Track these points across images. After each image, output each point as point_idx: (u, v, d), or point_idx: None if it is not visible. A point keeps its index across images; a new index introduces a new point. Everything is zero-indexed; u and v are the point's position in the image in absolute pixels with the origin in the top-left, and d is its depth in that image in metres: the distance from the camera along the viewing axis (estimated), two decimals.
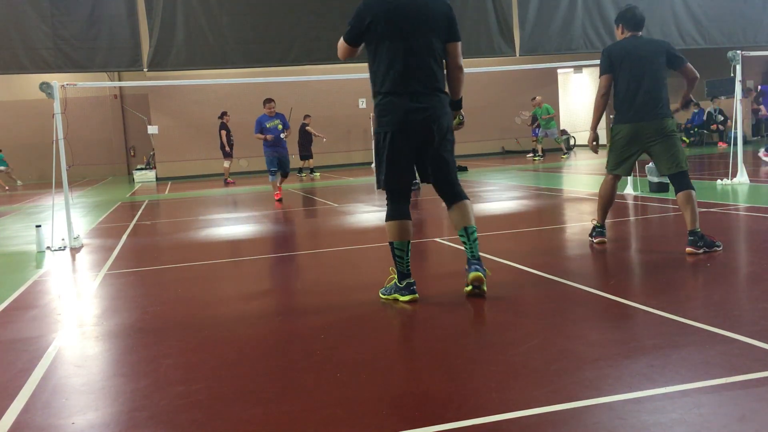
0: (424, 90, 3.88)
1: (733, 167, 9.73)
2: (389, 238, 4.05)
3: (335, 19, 15.75)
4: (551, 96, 24.23)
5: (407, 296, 4.00)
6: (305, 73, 18.54)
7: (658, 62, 5.11)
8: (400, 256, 4.00)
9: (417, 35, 3.87)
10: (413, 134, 3.89)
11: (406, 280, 4.03)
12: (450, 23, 3.97)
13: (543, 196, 9.86)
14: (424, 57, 3.89)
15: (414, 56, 3.86)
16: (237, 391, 2.77)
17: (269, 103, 11.49)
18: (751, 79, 19.90)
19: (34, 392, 2.89)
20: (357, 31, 3.96)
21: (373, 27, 3.87)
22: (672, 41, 16.74)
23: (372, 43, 3.93)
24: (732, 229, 6.38)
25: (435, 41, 3.92)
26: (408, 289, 4.01)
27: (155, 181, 21.14)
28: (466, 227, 4.03)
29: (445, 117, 3.95)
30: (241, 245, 7.24)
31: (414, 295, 4.00)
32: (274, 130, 11.20)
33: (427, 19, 3.89)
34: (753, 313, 3.45)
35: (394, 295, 4.07)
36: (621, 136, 5.24)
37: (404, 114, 3.85)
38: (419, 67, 3.87)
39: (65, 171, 7.39)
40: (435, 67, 3.94)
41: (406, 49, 3.85)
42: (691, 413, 2.29)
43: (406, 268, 4.02)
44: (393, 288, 4.09)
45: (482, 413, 2.39)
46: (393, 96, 3.88)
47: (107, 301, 4.72)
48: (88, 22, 15.75)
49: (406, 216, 4.02)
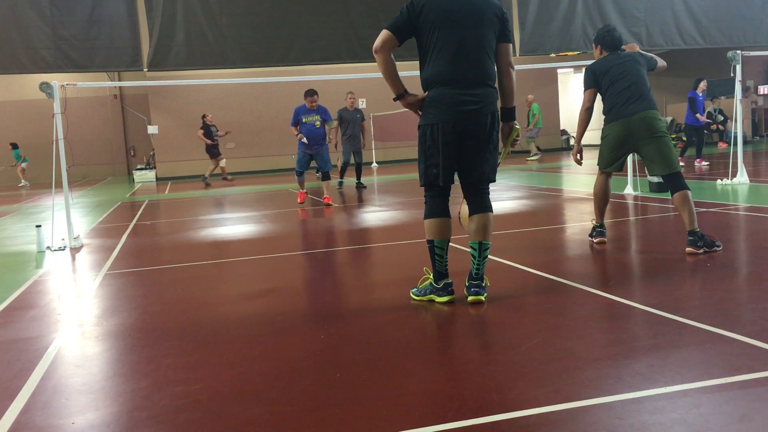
0: (477, 81, 3.82)
1: (733, 167, 9.73)
2: (429, 237, 3.95)
3: (335, 19, 15.74)
4: (551, 96, 24.25)
5: (445, 297, 3.93)
6: (305, 73, 18.52)
7: (640, 68, 5.34)
8: (440, 255, 3.93)
9: (471, 27, 3.82)
10: (462, 125, 3.80)
11: (444, 280, 3.95)
12: (503, 23, 3.94)
13: (543, 196, 9.86)
14: (478, 49, 3.83)
15: (468, 47, 3.81)
16: (237, 391, 2.77)
17: (311, 96, 10.42)
18: (751, 79, 19.89)
19: (34, 392, 2.89)
20: (405, 19, 3.82)
21: (426, 17, 3.80)
22: (672, 41, 16.78)
23: (425, 33, 3.84)
24: (732, 229, 6.38)
25: (489, 35, 3.87)
26: (446, 290, 3.94)
27: (155, 181, 21.15)
28: (482, 242, 3.93)
29: (495, 111, 3.89)
30: (241, 245, 7.24)
31: (452, 296, 3.93)
32: (310, 126, 10.28)
33: (481, 12, 3.85)
34: (753, 313, 3.45)
35: (429, 296, 3.98)
36: (613, 134, 5.33)
37: (455, 105, 3.78)
38: (473, 58, 3.82)
39: (65, 171, 7.39)
40: (487, 61, 3.88)
41: (459, 39, 3.79)
42: (691, 413, 2.29)
43: (444, 268, 3.95)
44: (429, 288, 4.00)
45: (482, 413, 2.39)
46: (445, 87, 3.80)
47: (107, 301, 4.72)
48: (88, 22, 15.73)
49: (447, 214, 3.96)
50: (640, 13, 16.60)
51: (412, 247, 6.10)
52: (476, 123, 3.83)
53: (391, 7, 14.83)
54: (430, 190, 3.98)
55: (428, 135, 3.88)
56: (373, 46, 3.84)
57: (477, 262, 3.91)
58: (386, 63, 3.84)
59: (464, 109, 3.80)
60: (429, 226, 3.97)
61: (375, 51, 3.84)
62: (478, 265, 3.91)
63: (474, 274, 3.93)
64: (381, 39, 3.82)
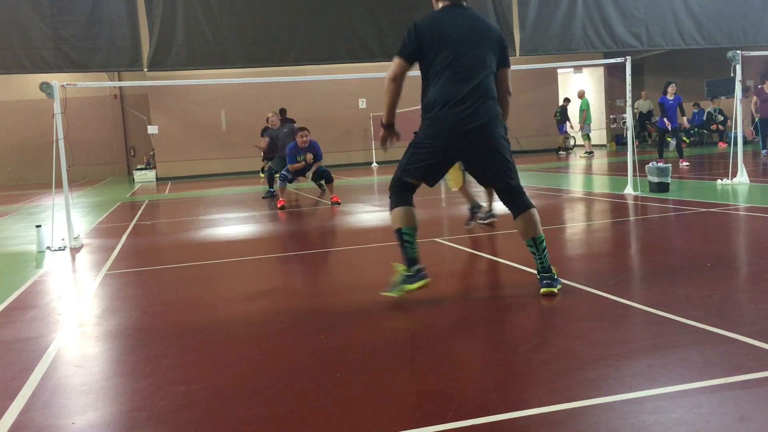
0: (479, 98, 3.86)
1: (733, 167, 9.73)
2: (396, 225, 3.96)
3: (335, 19, 15.75)
4: (551, 96, 24.25)
5: (418, 282, 3.91)
6: (305, 73, 18.54)
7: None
8: (410, 241, 3.93)
9: (473, 47, 3.88)
10: (466, 144, 3.86)
11: (416, 266, 3.94)
12: (503, 48, 4.01)
13: (542, 196, 9.86)
14: (480, 69, 3.89)
15: (469, 67, 3.86)
16: (237, 391, 2.77)
17: (302, 131, 10.32)
18: (751, 79, 19.89)
19: (34, 392, 2.89)
20: (413, 45, 3.86)
21: (429, 39, 3.84)
22: (672, 41, 16.78)
23: (427, 56, 3.88)
24: (732, 229, 6.38)
25: (489, 57, 3.94)
26: (418, 276, 3.93)
27: (155, 181, 21.15)
28: (534, 237, 3.99)
29: (499, 125, 3.93)
30: (241, 245, 7.24)
31: (425, 280, 3.92)
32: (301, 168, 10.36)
33: (482, 35, 3.92)
34: (753, 313, 3.45)
35: (402, 287, 3.95)
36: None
37: (457, 127, 3.81)
38: (475, 78, 3.86)
39: (65, 171, 7.39)
40: (489, 80, 3.93)
41: (461, 60, 3.84)
42: (691, 413, 2.29)
43: (415, 254, 3.94)
44: (401, 279, 3.98)
45: (482, 413, 2.39)
46: (446, 107, 3.82)
47: (107, 301, 4.72)
48: (88, 22, 15.74)
49: (411, 203, 3.99)
50: (640, 13, 16.60)
51: None
52: (482, 137, 3.86)
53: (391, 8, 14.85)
54: (399, 184, 4.00)
55: (423, 144, 3.92)
56: (389, 75, 3.86)
57: (538, 255, 3.99)
58: (397, 93, 3.89)
59: (468, 128, 3.82)
60: (396, 214, 3.98)
61: (392, 79, 3.85)
62: (541, 258, 3.99)
63: (540, 268, 4.01)
64: (396, 67, 3.85)
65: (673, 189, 9.04)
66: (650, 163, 9.25)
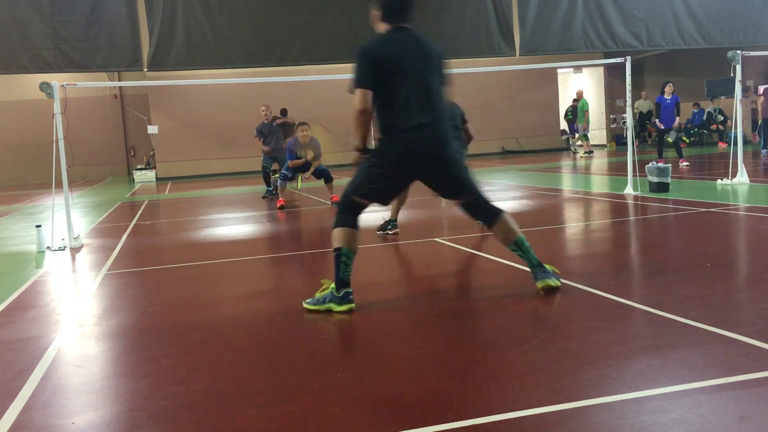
0: (435, 124, 3.89)
1: (733, 167, 9.73)
2: (337, 244, 3.92)
3: (335, 19, 15.75)
4: (551, 96, 24.25)
5: (345, 305, 3.89)
6: (305, 73, 18.53)
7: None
8: (346, 263, 3.91)
9: (426, 74, 3.91)
10: (419, 168, 3.90)
11: (345, 289, 3.92)
12: (445, 66, 4.08)
13: (542, 196, 9.86)
14: (434, 94, 3.93)
15: (425, 93, 3.88)
16: (237, 391, 2.77)
17: (302, 126, 10.10)
18: (751, 79, 19.90)
19: (34, 392, 2.89)
20: (369, 72, 3.82)
21: (380, 65, 3.84)
22: (672, 41, 16.79)
23: (381, 81, 3.85)
24: (732, 229, 6.38)
25: (439, 79, 4.00)
26: (347, 299, 3.91)
27: (155, 181, 21.14)
28: (515, 241, 4.05)
29: (452, 143, 3.97)
30: (241, 245, 7.24)
31: (352, 305, 3.91)
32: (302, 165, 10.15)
33: (431, 58, 3.98)
34: (753, 313, 3.45)
35: (328, 305, 3.92)
36: None
37: (414, 150, 3.84)
38: (430, 103, 3.89)
39: (65, 171, 7.39)
40: (438, 103, 3.96)
41: (409, 85, 3.85)
42: (691, 413, 2.29)
43: (347, 276, 3.94)
44: (329, 297, 3.94)
45: (482, 413, 2.39)
46: (404, 132, 3.84)
47: (107, 301, 4.72)
48: (88, 22, 15.73)
49: (357, 227, 3.97)
50: (640, 13, 16.61)
51: (411, 247, 6.09)
52: (440, 160, 3.90)
53: None
54: (349, 203, 3.97)
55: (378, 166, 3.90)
56: (359, 108, 3.78)
57: (524, 256, 4.07)
58: (368, 123, 3.85)
59: (425, 152, 3.86)
60: (339, 234, 3.94)
61: (363, 112, 3.78)
62: (528, 257, 4.06)
63: (531, 267, 4.07)
64: (363, 99, 3.78)
65: (673, 189, 9.03)
66: (650, 163, 9.26)
